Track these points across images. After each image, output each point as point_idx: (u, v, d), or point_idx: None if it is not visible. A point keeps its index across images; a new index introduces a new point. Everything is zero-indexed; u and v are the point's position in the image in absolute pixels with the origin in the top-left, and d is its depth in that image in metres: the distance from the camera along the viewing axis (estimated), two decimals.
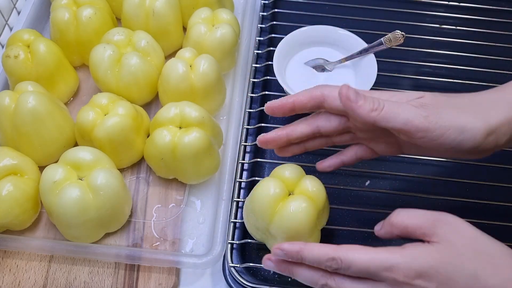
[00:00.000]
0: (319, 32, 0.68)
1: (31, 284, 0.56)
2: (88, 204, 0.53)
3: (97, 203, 0.53)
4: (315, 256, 0.41)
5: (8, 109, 0.58)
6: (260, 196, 0.51)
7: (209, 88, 0.62)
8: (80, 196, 0.52)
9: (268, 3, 0.78)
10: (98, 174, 0.54)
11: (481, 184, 0.62)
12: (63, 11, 0.67)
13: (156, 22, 0.68)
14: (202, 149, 0.57)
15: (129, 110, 0.59)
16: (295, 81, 0.66)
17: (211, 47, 0.66)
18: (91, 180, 0.53)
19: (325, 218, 0.55)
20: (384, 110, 0.43)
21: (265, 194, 0.50)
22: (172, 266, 0.57)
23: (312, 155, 0.66)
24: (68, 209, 0.52)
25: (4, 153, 0.56)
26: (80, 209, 0.53)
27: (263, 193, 0.51)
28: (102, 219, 0.55)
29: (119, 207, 0.56)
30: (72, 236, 0.56)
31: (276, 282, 0.56)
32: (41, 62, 0.63)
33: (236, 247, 0.57)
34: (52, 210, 0.54)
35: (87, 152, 0.55)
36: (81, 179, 0.54)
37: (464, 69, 0.71)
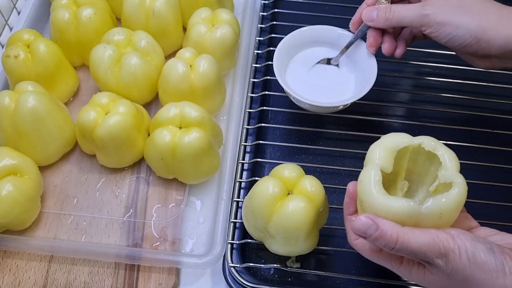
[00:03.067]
0: (319, 32, 0.68)
1: (31, 284, 0.56)
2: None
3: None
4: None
5: (8, 109, 0.58)
6: (258, 195, 0.51)
7: (209, 88, 0.63)
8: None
9: (268, 3, 0.78)
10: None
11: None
12: (63, 11, 0.67)
13: (156, 22, 0.68)
14: (202, 149, 0.57)
15: (130, 108, 0.59)
16: (295, 81, 0.66)
17: (211, 47, 0.66)
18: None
19: (325, 218, 0.55)
20: (394, 16, 0.57)
21: (263, 193, 0.50)
22: (172, 266, 0.57)
23: (312, 155, 0.66)
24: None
25: (4, 153, 0.56)
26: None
27: (262, 192, 0.51)
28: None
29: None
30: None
31: (276, 282, 0.56)
32: (41, 62, 0.63)
33: (236, 247, 0.57)
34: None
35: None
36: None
37: (464, 69, 0.71)
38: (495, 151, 0.64)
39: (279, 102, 0.69)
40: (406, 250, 0.41)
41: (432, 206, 0.42)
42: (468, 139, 0.64)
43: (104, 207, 0.61)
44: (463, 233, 0.41)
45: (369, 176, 0.44)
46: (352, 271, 0.57)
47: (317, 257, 0.58)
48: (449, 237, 0.41)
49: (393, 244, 0.41)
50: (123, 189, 0.62)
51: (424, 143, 0.46)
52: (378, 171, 0.44)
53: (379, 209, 0.42)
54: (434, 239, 0.40)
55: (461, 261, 0.40)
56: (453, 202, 0.42)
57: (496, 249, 0.40)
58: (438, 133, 0.66)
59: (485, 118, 0.67)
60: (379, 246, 0.42)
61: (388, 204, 0.42)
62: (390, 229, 0.41)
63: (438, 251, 0.40)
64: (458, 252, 0.40)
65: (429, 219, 0.42)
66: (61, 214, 0.60)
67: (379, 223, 0.41)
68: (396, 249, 0.41)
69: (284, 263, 0.57)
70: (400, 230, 0.41)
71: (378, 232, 0.41)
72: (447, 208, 0.42)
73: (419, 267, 0.43)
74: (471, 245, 0.40)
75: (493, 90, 0.70)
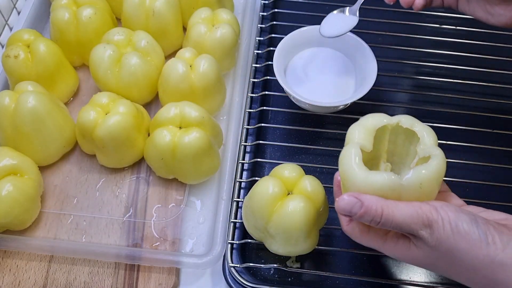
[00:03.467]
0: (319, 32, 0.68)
1: (31, 284, 0.56)
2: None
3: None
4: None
5: (8, 109, 0.58)
6: (258, 195, 0.51)
7: (209, 88, 0.63)
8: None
9: (268, 3, 0.78)
10: None
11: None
12: (63, 11, 0.67)
13: (156, 22, 0.68)
14: (202, 149, 0.57)
15: (130, 108, 0.59)
16: (295, 81, 0.66)
17: (211, 47, 0.66)
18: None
19: (325, 218, 0.55)
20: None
21: (263, 193, 0.50)
22: (172, 266, 0.57)
23: (312, 155, 0.66)
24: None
25: (4, 153, 0.56)
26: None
27: (262, 192, 0.51)
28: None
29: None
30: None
31: (276, 282, 0.56)
32: (41, 62, 0.63)
33: (236, 247, 0.57)
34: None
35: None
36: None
37: (464, 69, 0.71)
38: (495, 151, 0.64)
39: (279, 102, 0.69)
40: (391, 223, 0.41)
41: (412, 178, 0.42)
42: (468, 139, 0.64)
43: (104, 207, 0.61)
44: (446, 204, 0.41)
45: (349, 154, 0.44)
46: (352, 271, 0.57)
47: (317, 257, 0.58)
48: (432, 208, 0.41)
49: (378, 218, 0.41)
50: (123, 189, 0.62)
51: (401, 121, 0.47)
52: (358, 149, 0.44)
53: (361, 185, 0.43)
54: (417, 211, 0.41)
55: (444, 231, 0.40)
56: (432, 172, 0.42)
57: (479, 220, 0.40)
58: (438, 133, 0.65)
59: (485, 118, 0.67)
60: (365, 222, 0.42)
61: (370, 179, 0.42)
62: (374, 203, 0.41)
63: (422, 223, 0.40)
64: (442, 223, 0.40)
65: (410, 191, 0.42)
66: (61, 214, 0.60)
67: (363, 199, 0.41)
68: (382, 223, 0.41)
69: (284, 263, 0.57)
70: (384, 204, 0.41)
71: (363, 208, 0.41)
72: (426, 179, 0.42)
73: (404, 241, 0.43)
74: (454, 216, 0.40)
75: (493, 90, 0.70)
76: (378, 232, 0.45)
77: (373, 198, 0.42)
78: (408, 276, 0.57)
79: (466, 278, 0.42)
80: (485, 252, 0.39)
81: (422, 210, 0.41)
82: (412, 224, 0.41)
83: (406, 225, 0.41)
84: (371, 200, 0.41)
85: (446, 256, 0.41)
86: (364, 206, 0.41)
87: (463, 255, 0.40)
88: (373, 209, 0.41)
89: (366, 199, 0.41)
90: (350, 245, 0.59)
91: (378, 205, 0.41)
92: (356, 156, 0.44)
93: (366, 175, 0.43)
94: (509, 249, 0.39)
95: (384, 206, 0.41)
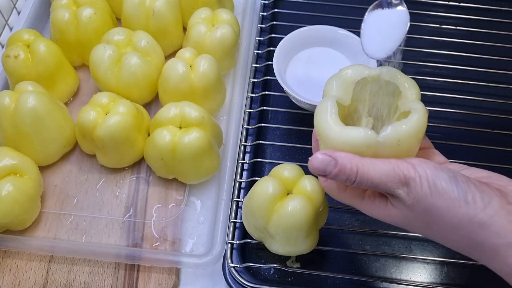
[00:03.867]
0: (319, 32, 0.68)
1: (31, 284, 0.56)
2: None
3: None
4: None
5: (8, 109, 0.58)
6: (258, 195, 0.51)
7: (209, 88, 0.63)
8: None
9: (268, 3, 0.78)
10: None
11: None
12: (63, 11, 0.67)
13: (156, 22, 0.68)
14: (202, 149, 0.57)
15: (130, 108, 0.59)
16: (295, 81, 0.66)
17: (211, 47, 0.66)
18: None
19: (324, 218, 0.55)
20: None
21: (263, 193, 0.50)
22: (172, 266, 0.57)
23: (312, 155, 0.66)
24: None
25: (4, 153, 0.56)
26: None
27: (261, 192, 0.51)
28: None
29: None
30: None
31: (276, 282, 0.56)
32: (41, 62, 0.63)
33: (236, 247, 0.57)
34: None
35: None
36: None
37: (464, 69, 0.71)
38: (495, 151, 0.64)
39: (279, 102, 0.69)
40: (367, 182, 0.39)
41: (389, 134, 0.40)
42: (468, 139, 0.64)
43: (104, 207, 0.61)
44: (424, 161, 0.39)
45: (324, 108, 0.42)
46: (352, 271, 0.57)
47: (317, 257, 0.58)
48: (409, 166, 0.39)
49: (353, 177, 0.39)
50: (123, 189, 0.62)
51: (383, 73, 0.44)
52: (334, 102, 0.42)
53: (335, 141, 0.40)
54: (394, 169, 0.39)
55: (422, 189, 0.38)
56: (411, 128, 0.40)
57: (459, 178, 0.38)
58: (438, 133, 0.66)
59: (485, 118, 0.67)
60: (340, 181, 0.40)
61: (345, 134, 0.40)
62: (349, 162, 0.39)
63: (399, 181, 0.39)
64: (419, 180, 0.38)
65: (387, 149, 0.40)
66: (61, 214, 0.61)
67: (337, 157, 0.39)
68: (357, 182, 0.39)
69: (284, 263, 0.57)
70: (359, 162, 0.39)
71: (337, 167, 0.39)
72: (404, 135, 0.40)
73: (380, 200, 0.42)
74: (432, 173, 0.38)
75: (493, 90, 0.70)
76: (355, 190, 0.44)
77: (348, 156, 0.39)
78: (408, 276, 0.57)
79: (444, 238, 0.40)
80: (464, 211, 0.37)
81: (398, 168, 0.39)
82: (388, 182, 0.39)
83: (383, 184, 0.39)
84: (345, 158, 0.39)
85: (423, 215, 0.39)
86: (338, 165, 0.39)
87: (441, 214, 0.38)
88: (347, 167, 0.39)
89: (340, 157, 0.39)
90: (350, 245, 0.59)
91: (353, 164, 0.39)
92: (332, 110, 0.41)
93: (340, 130, 0.40)
94: (489, 209, 0.37)
95: (359, 164, 0.39)
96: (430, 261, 0.57)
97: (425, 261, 0.58)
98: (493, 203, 0.38)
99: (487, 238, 0.37)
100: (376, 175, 0.39)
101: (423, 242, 0.58)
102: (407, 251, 0.58)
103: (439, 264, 0.57)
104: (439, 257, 0.57)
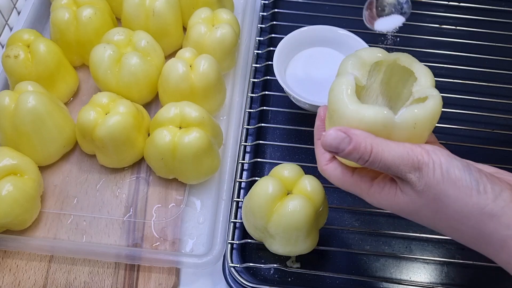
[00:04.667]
0: (319, 32, 0.68)
1: (31, 284, 0.56)
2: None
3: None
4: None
5: (8, 109, 0.58)
6: (258, 195, 0.51)
7: (209, 88, 0.63)
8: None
9: (268, 3, 0.78)
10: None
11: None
12: (63, 11, 0.67)
13: (156, 22, 0.68)
14: (202, 149, 0.57)
15: (130, 108, 0.59)
16: (295, 81, 0.66)
17: (211, 47, 0.66)
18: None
19: (324, 218, 0.55)
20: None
21: (263, 193, 0.50)
22: (172, 266, 0.57)
23: (312, 155, 0.66)
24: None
25: (4, 153, 0.56)
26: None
27: (261, 192, 0.51)
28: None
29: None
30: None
31: (276, 282, 0.56)
32: (41, 62, 0.63)
33: (236, 247, 0.57)
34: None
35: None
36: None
37: (464, 69, 0.71)
38: (495, 151, 0.64)
39: (279, 102, 0.69)
40: (379, 163, 0.38)
41: (406, 115, 0.39)
42: (468, 139, 0.64)
43: (104, 207, 0.61)
44: (439, 149, 0.39)
45: (341, 84, 0.41)
46: (352, 271, 0.57)
47: (317, 257, 0.58)
48: (424, 151, 0.38)
49: (367, 156, 0.38)
50: (123, 189, 0.62)
51: (400, 59, 0.44)
52: (352, 79, 0.41)
53: (351, 119, 0.39)
54: (408, 152, 0.38)
55: (434, 176, 0.38)
56: (428, 112, 0.40)
57: (472, 168, 0.38)
58: (438, 133, 0.66)
59: (485, 118, 0.67)
60: (352, 160, 0.39)
61: (361, 112, 0.39)
62: (364, 140, 0.38)
63: (412, 165, 0.38)
64: (433, 166, 0.38)
65: (402, 131, 0.39)
66: (61, 214, 0.61)
67: (352, 134, 0.38)
68: (370, 162, 0.39)
69: (284, 263, 0.57)
70: (374, 141, 0.38)
71: (352, 144, 0.38)
72: (421, 118, 0.39)
73: (390, 186, 0.41)
74: (446, 160, 0.38)
75: (493, 90, 0.70)
76: (364, 176, 0.42)
77: (363, 133, 0.39)
78: (408, 276, 0.57)
79: (451, 228, 0.40)
80: (475, 201, 0.37)
81: (413, 152, 0.38)
82: (401, 165, 0.38)
83: (395, 166, 0.38)
84: (360, 135, 0.38)
85: (433, 202, 0.39)
86: (352, 142, 0.38)
87: (451, 202, 0.38)
88: (362, 145, 0.38)
89: (355, 134, 0.38)
90: (350, 245, 0.59)
91: (367, 142, 0.38)
92: (349, 87, 0.40)
93: (357, 108, 0.39)
94: (500, 200, 0.37)
95: (374, 144, 0.38)
96: (430, 261, 0.57)
97: (425, 261, 0.58)
98: (503, 195, 0.37)
99: (496, 229, 0.37)
100: (390, 156, 0.38)
101: (423, 242, 0.59)
102: (407, 251, 0.58)
103: (439, 264, 0.57)
104: (439, 257, 0.57)
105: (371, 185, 0.42)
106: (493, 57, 0.72)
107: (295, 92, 0.63)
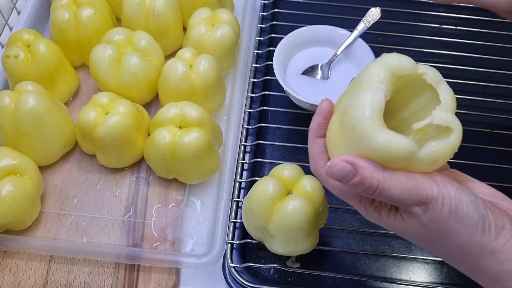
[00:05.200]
0: (319, 32, 0.68)
1: (31, 284, 0.56)
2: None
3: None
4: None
5: (8, 109, 0.58)
6: (258, 195, 0.51)
7: (209, 88, 0.63)
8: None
9: (268, 3, 0.78)
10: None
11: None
12: (63, 11, 0.67)
13: (156, 22, 0.68)
14: (202, 149, 0.57)
15: (130, 108, 0.59)
16: (295, 81, 0.66)
17: (211, 47, 0.66)
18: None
19: (324, 218, 0.55)
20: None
21: (263, 193, 0.50)
22: (172, 266, 0.57)
23: None
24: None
25: (4, 153, 0.56)
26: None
27: (261, 192, 0.51)
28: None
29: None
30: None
31: (276, 282, 0.56)
32: (41, 62, 0.63)
33: (236, 247, 0.57)
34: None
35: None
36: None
37: (464, 69, 0.71)
38: (495, 151, 0.64)
39: (279, 102, 0.69)
40: (385, 197, 0.37)
41: (430, 152, 0.37)
42: (468, 139, 0.64)
43: (104, 207, 0.61)
44: (449, 181, 0.38)
45: (367, 102, 0.36)
46: (352, 271, 0.57)
47: (317, 257, 0.58)
48: (434, 184, 0.37)
49: (372, 191, 0.37)
50: (123, 189, 0.62)
51: (427, 74, 0.39)
52: (382, 98, 0.36)
53: (374, 145, 0.36)
54: (418, 186, 0.37)
55: (442, 211, 0.37)
56: (451, 150, 0.37)
57: (480, 203, 0.38)
58: None
59: (485, 118, 0.67)
60: (356, 190, 0.38)
61: (388, 141, 0.35)
62: (370, 175, 0.37)
63: (420, 199, 0.37)
64: (441, 201, 0.37)
65: (421, 164, 0.37)
66: (61, 214, 0.61)
67: (359, 167, 0.37)
68: (375, 195, 0.38)
69: (284, 263, 0.57)
70: (381, 176, 0.37)
71: (357, 178, 0.37)
72: (444, 156, 0.37)
73: (390, 210, 0.40)
74: (455, 195, 0.37)
75: (493, 90, 0.70)
76: (365, 197, 0.41)
77: (370, 167, 0.37)
78: (408, 276, 0.57)
79: (449, 258, 0.40)
80: (479, 238, 0.37)
81: (422, 185, 0.37)
82: (408, 199, 0.37)
83: (402, 200, 0.37)
84: (367, 170, 0.37)
85: (435, 235, 0.39)
86: (358, 175, 0.37)
87: (455, 237, 0.38)
88: (368, 181, 0.37)
89: (363, 168, 0.37)
90: (350, 245, 0.59)
91: (374, 177, 0.37)
92: (378, 108, 0.35)
93: (385, 136, 0.35)
94: (501, 237, 0.37)
95: (381, 179, 0.37)
96: (430, 261, 0.57)
97: (425, 261, 0.58)
98: (505, 232, 0.38)
99: (494, 265, 0.38)
100: (398, 191, 0.37)
101: None
102: (407, 251, 0.58)
103: (439, 264, 0.57)
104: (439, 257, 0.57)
105: (371, 203, 0.41)
106: (493, 57, 0.72)
107: (295, 92, 0.63)
